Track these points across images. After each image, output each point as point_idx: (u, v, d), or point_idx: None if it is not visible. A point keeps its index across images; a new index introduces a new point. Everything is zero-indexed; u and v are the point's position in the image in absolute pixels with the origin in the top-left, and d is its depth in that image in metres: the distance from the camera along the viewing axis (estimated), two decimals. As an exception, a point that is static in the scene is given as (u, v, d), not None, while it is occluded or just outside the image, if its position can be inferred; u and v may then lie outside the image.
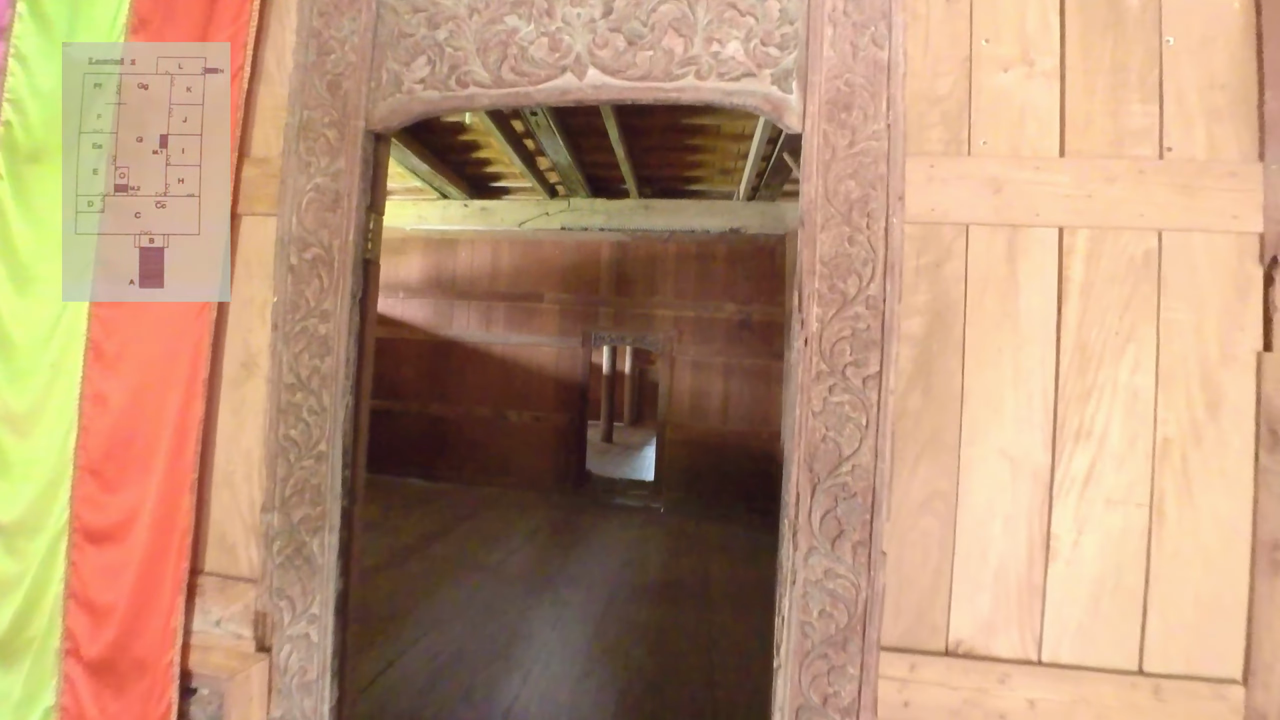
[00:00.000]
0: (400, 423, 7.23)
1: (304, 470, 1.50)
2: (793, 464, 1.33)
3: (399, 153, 5.87)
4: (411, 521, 5.50)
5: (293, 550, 1.51)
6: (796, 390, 1.35)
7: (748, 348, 6.58)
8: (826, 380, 1.31)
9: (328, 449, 1.49)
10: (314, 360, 1.50)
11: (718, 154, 6.00)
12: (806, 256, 1.34)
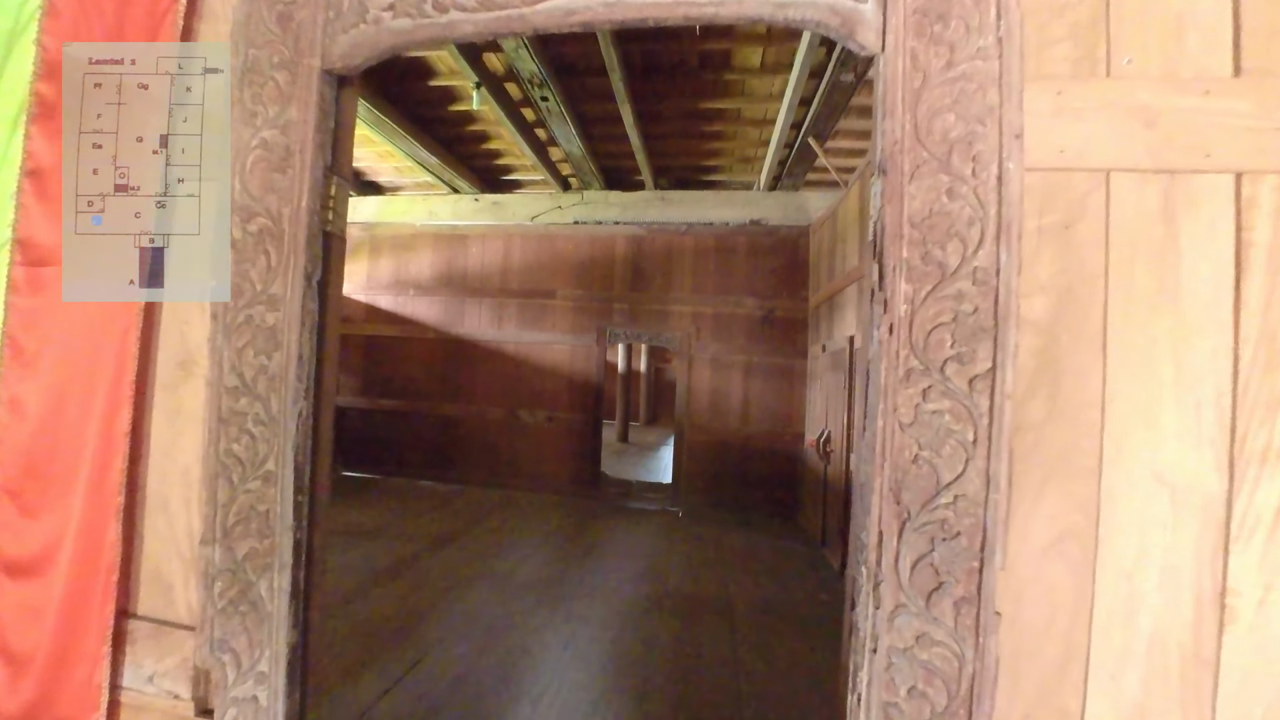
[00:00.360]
0: (411, 424, 6.97)
1: (249, 494, 1.19)
2: (873, 493, 0.99)
3: (407, 144, 5.59)
4: (421, 525, 5.22)
5: (237, 593, 1.20)
6: (875, 394, 1.00)
7: (769, 345, 6.21)
8: (919, 381, 0.97)
9: (276, 468, 1.18)
10: (260, 357, 1.19)
11: (738, 141, 5.64)
12: (890, 216, 0.99)
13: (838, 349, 4.77)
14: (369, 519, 5.36)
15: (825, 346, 5.26)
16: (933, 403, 0.95)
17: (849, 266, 4.67)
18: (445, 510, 5.81)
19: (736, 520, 5.94)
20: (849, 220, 4.73)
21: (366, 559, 4.33)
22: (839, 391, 4.69)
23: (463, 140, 5.94)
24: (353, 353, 7.16)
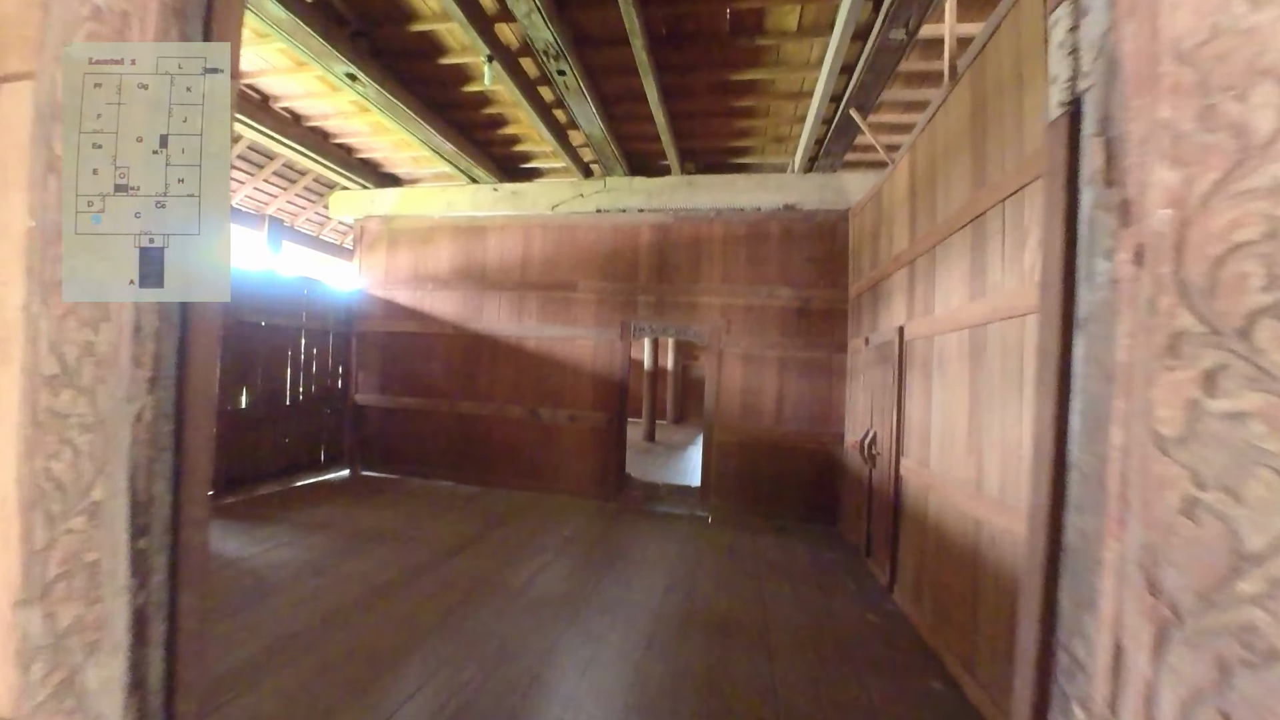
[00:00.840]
0: (430, 423, 6.63)
1: (72, 535, 0.78)
2: (1098, 570, 0.51)
3: (421, 130, 5.23)
4: (435, 530, 4.86)
5: (61, 682, 0.79)
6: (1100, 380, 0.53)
7: (805, 338, 5.68)
8: (1198, 354, 0.49)
9: (105, 497, 0.76)
10: (84, 331, 0.78)
11: (770, 118, 5.13)
12: (1131, 42, 0.52)
13: (884, 341, 4.23)
14: (383, 522, 5.02)
15: (869, 339, 4.72)
16: (1227, 398, 0.48)
17: (897, 250, 4.13)
18: (462, 513, 5.45)
19: (770, 527, 5.44)
20: (896, 199, 4.19)
21: (377, 566, 3.97)
22: (885, 388, 4.15)
23: (479, 125, 5.56)
24: (371, 350, 6.86)
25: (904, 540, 3.76)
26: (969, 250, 2.94)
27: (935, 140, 3.46)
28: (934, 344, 3.39)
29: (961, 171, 3.06)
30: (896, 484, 3.87)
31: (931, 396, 3.39)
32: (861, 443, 4.47)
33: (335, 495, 5.87)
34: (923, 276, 3.62)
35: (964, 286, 2.99)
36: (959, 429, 2.98)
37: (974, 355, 2.85)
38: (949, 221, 3.17)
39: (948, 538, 3.07)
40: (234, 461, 5.47)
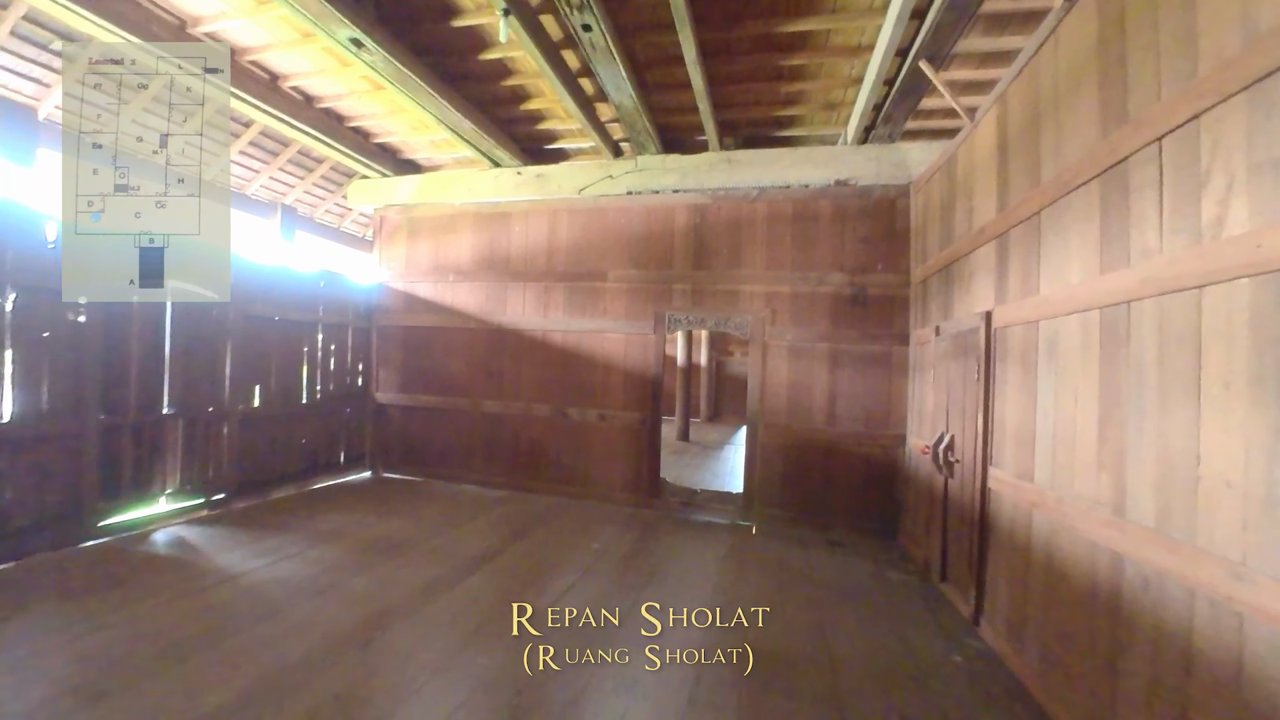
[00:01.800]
0: (453, 421, 6.22)
1: None
2: None
3: (436, 106, 4.79)
4: (454, 540, 4.42)
5: None
6: None
7: (861, 329, 5.05)
8: None
9: None
10: None
11: (821, 79, 4.51)
12: None
13: (963, 330, 3.60)
14: (399, 530, 4.62)
15: (940, 329, 4.08)
16: None
17: (979, 223, 3.49)
18: (484, 520, 5.01)
19: (822, 539, 4.84)
20: (977, 164, 3.54)
21: (385, 584, 3.54)
22: (966, 385, 3.52)
23: (500, 100, 5.09)
24: (392, 345, 6.49)
25: (994, 565, 3.13)
26: (1096, 210, 2.32)
27: (1038, 83, 2.82)
28: (1038, 331, 2.76)
29: (1083, 114, 2.43)
30: (983, 498, 3.25)
31: (1036, 395, 2.76)
32: (934, 448, 3.84)
33: (353, 499, 5.51)
34: (1020, 251, 2.98)
35: (1089, 257, 2.36)
36: (1083, 437, 2.36)
37: (1108, 343, 2.22)
38: (1062, 179, 2.54)
39: (1065, 570, 2.45)
40: (246, 464, 5.15)
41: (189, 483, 4.71)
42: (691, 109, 4.88)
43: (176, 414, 4.59)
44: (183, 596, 3.20)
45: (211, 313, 4.83)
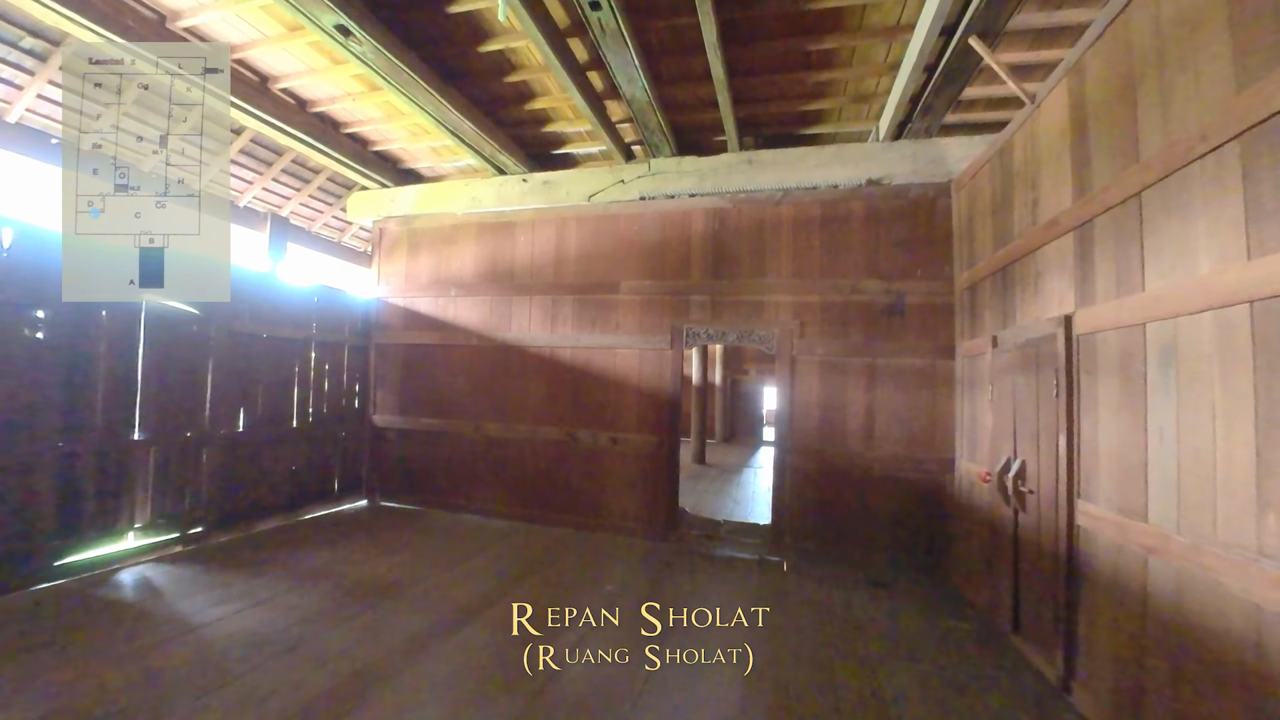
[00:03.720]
0: (454, 446, 5.76)
1: None
2: None
3: (434, 106, 4.42)
4: (450, 581, 3.92)
5: None
6: None
7: (900, 341, 4.55)
8: None
9: None
10: None
11: (854, 67, 4.08)
12: None
13: (1034, 338, 3.09)
14: (391, 569, 4.12)
15: (999, 339, 3.58)
16: None
17: (1049, 214, 3.01)
18: (486, 557, 4.50)
19: (862, 579, 4.27)
20: (1045, 146, 3.07)
21: (364, 638, 3.04)
22: (1042, 401, 3.00)
23: (502, 100, 4.72)
24: (390, 365, 6.07)
25: (1089, 619, 2.58)
26: (1236, 179, 1.83)
27: (1131, 40, 2.36)
28: (1145, 335, 2.26)
29: (1206, 65, 1.95)
30: (1070, 537, 2.70)
31: (1146, 414, 2.24)
32: (999, 476, 3.31)
33: (346, 531, 5.03)
34: (1111, 242, 2.49)
35: (1227, 239, 1.87)
36: (1231, 467, 1.84)
37: (1266, 347, 1.72)
38: (1178, 148, 2.06)
39: (1207, 636, 1.91)
40: (228, 494, 4.70)
41: (162, 516, 4.26)
42: (709, 104, 4.48)
43: (149, 439, 4.17)
44: (123, 658, 2.72)
45: (191, 329, 4.44)
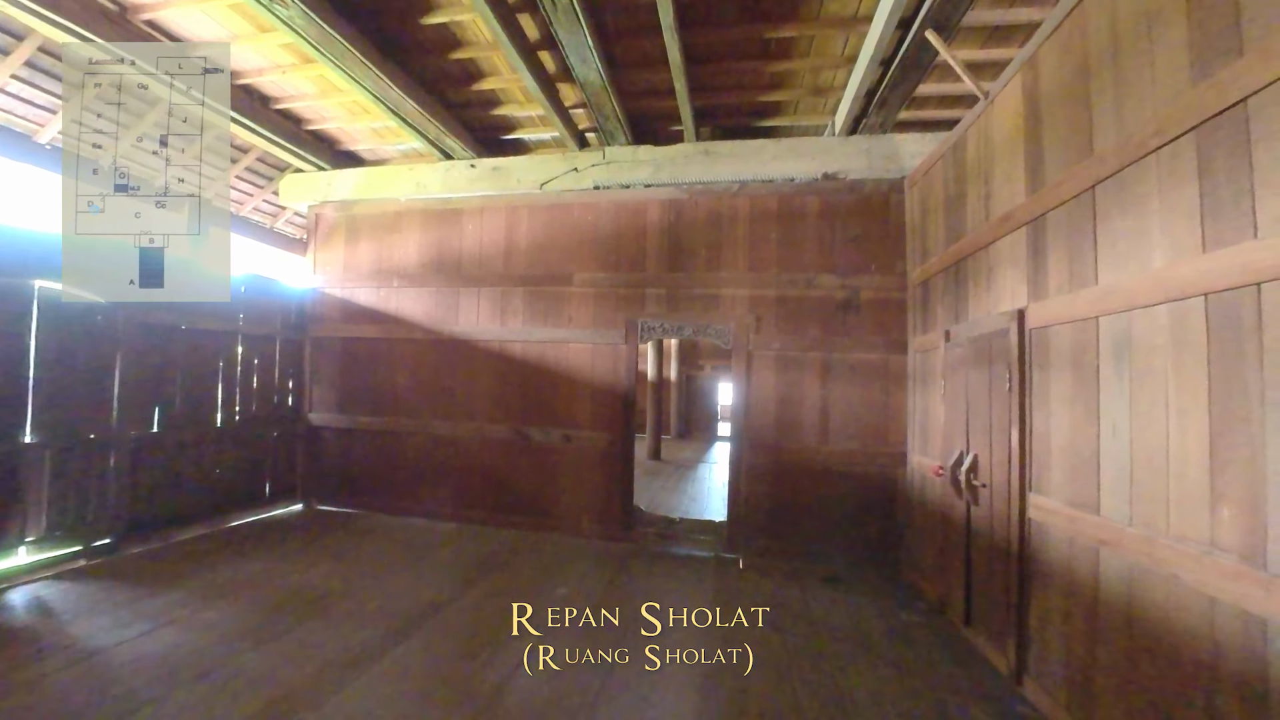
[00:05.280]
0: (398, 446, 5.45)
1: None
2: None
3: (373, 81, 4.12)
4: (391, 590, 3.67)
5: None
6: None
7: (854, 337, 4.55)
8: None
9: None
10: None
11: (811, 58, 4.02)
12: None
13: (986, 333, 3.10)
14: (326, 578, 3.83)
15: (951, 333, 3.60)
16: None
17: (1002, 209, 3.02)
18: (431, 562, 4.26)
19: (818, 573, 4.26)
20: (999, 141, 3.08)
21: (290, 659, 2.78)
22: (994, 395, 3.01)
23: (449, 79, 4.45)
24: (328, 359, 5.70)
25: (1041, 612, 2.60)
26: (1191, 173, 1.83)
27: (1087, 31, 2.36)
28: (1098, 329, 2.26)
29: (1162, 57, 1.95)
30: (1022, 531, 2.72)
31: (1099, 407, 2.25)
32: (952, 470, 3.32)
33: (276, 539, 4.67)
34: (1063, 236, 2.50)
35: (1182, 232, 1.87)
36: (1185, 460, 1.84)
37: (1222, 338, 1.72)
38: (1132, 142, 2.06)
39: (1161, 628, 1.92)
40: (141, 501, 4.28)
41: (60, 527, 3.83)
42: (666, 92, 4.35)
43: (43, 441, 3.73)
44: (2, 692, 2.38)
45: (95, 319, 4.00)
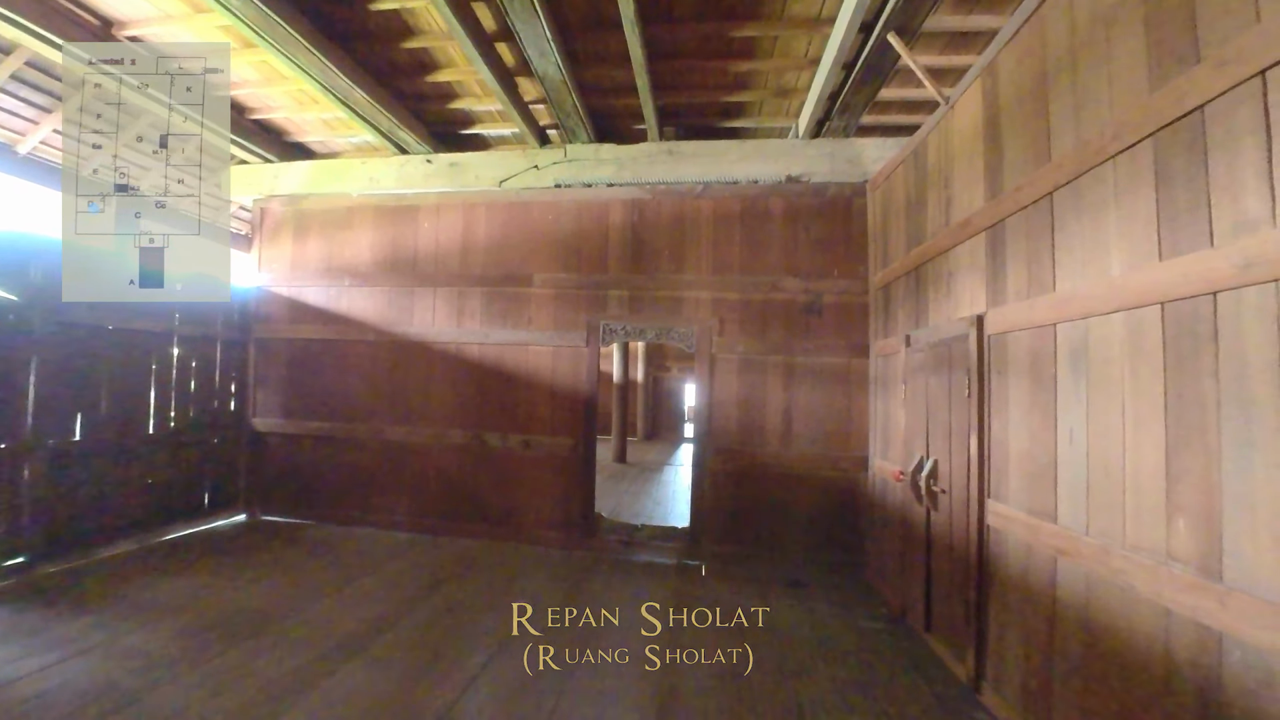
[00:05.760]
0: (346, 452, 5.20)
1: None
2: None
3: (319, 69, 3.89)
4: (335, 608, 3.46)
5: None
6: None
7: (817, 340, 4.53)
8: None
9: None
10: None
11: (775, 59, 3.98)
12: None
13: (946, 338, 3.09)
14: (265, 596, 3.59)
15: (911, 338, 3.59)
16: None
17: (961, 214, 3.01)
18: (380, 576, 4.05)
19: (781, 579, 4.21)
20: (958, 146, 3.07)
21: (215, 690, 2.57)
22: (954, 401, 3.00)
23: (401, 69, 4.25)
24: (273, 362, 5.40)
25: (999, 619, 2.58)
26: (1148, 180, 1.81)
27: (1046, 37, 2.35)
28: (1056, 336, 2.25)
29: (1122, 63, 1.93)
30: (981, 538, 2.70)
31: (1056, 415, 2.23)
32: (913, 474, 3.31)
33: (216, 553, 4.39)
34: (1022, 242, 2.49)
35: (1138, 239, 1.85)
36: (1141, 469, 1.82)
37: (1178, 347, 1.70)
38: (1090, 148, 2.04)
39: (1117, 639, 1.90)
40: (60, 515, 3.95)
41: (-37, 546, 3.50)
42: (629, 89, 4.24)
43: (-57, 454, 3.40)
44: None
45: (7, 318, 3.68)
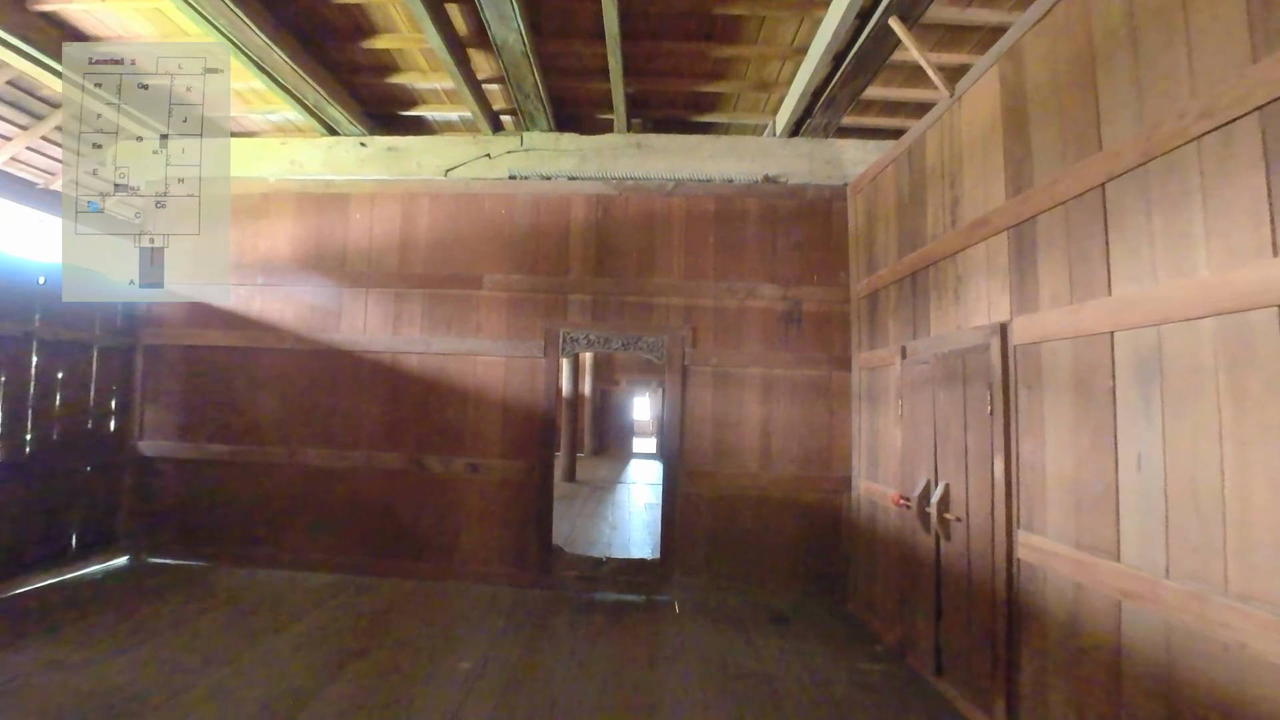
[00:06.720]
0: (257, 479, 4.40)
1: None
2: None
3: (229, 21, 3.22)
4: (231, 682, 2.75)
5: None
6: None
7: (797, 351, 4.20)
8: None
9: None
10: None
11: (759, 45, 3.64)
12: None
13: (959, 349, 2.79)
14: (133, 671, 2.81)
15: (909, 350, 3.30)
16: None
17: (975, 214, 2.74)
18: (293, 632, 3.33)
19: (763, 615, 3.80)
20: (970, 139, 2.81)
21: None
22: (972, 419, 2.70)
23: (331, 30, 3.63)
24: (167, 373, 4.54)
25: (1040, 668, 2.26)
26: (1259, 162, 1.53)
27: (1090, 15, 2.09)
28: (1113, 346, 1.96)
29: (1206, 34, 1.66)
30: (1010, 573, 2.38)
31: (1116, 435, 1.93)
32: (919, 501, 2.98)
33: (83, 609, 3.52)
34: (1058, 241, 2.21)
35: (1236, 234, 1.57)
36: (1247, 502, 1.52)
37: (1309, 359, 1.40)
38: (1163, 130, 1.76)
39: (1219, 703, 1.58)
40: None
41: None
42: (596, 71, 3.80)
43: None
44: None
45: None
